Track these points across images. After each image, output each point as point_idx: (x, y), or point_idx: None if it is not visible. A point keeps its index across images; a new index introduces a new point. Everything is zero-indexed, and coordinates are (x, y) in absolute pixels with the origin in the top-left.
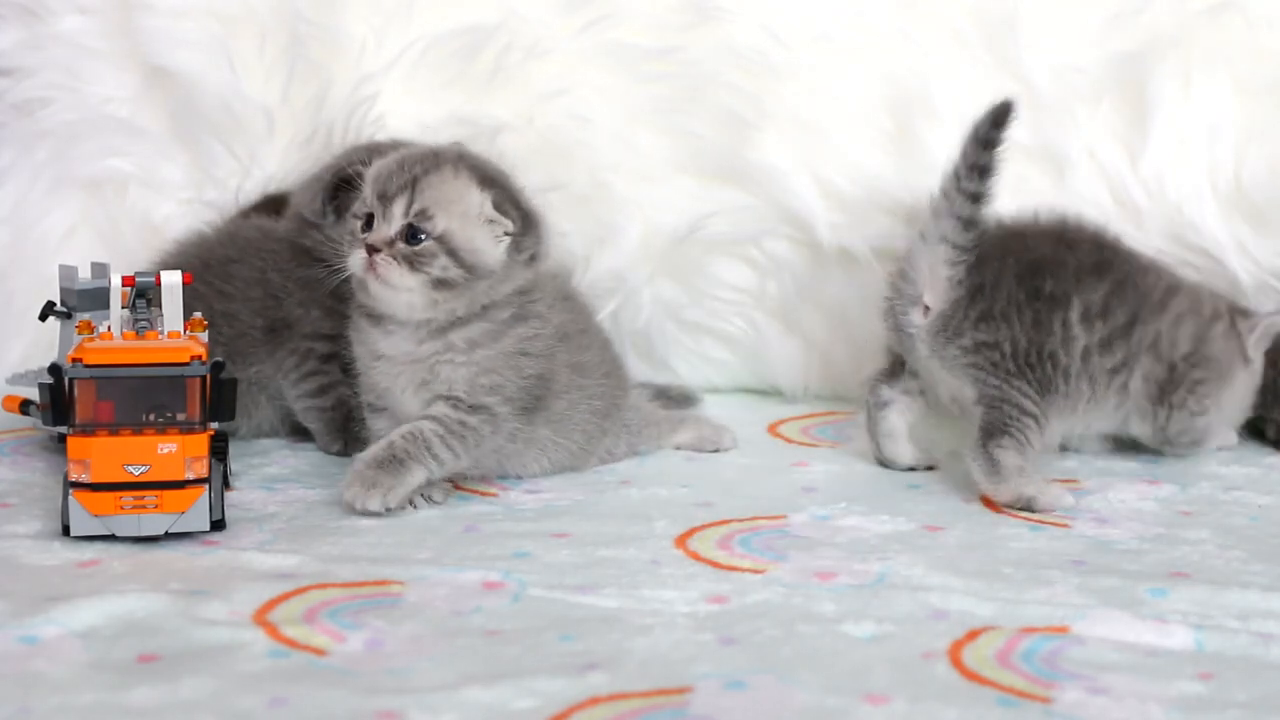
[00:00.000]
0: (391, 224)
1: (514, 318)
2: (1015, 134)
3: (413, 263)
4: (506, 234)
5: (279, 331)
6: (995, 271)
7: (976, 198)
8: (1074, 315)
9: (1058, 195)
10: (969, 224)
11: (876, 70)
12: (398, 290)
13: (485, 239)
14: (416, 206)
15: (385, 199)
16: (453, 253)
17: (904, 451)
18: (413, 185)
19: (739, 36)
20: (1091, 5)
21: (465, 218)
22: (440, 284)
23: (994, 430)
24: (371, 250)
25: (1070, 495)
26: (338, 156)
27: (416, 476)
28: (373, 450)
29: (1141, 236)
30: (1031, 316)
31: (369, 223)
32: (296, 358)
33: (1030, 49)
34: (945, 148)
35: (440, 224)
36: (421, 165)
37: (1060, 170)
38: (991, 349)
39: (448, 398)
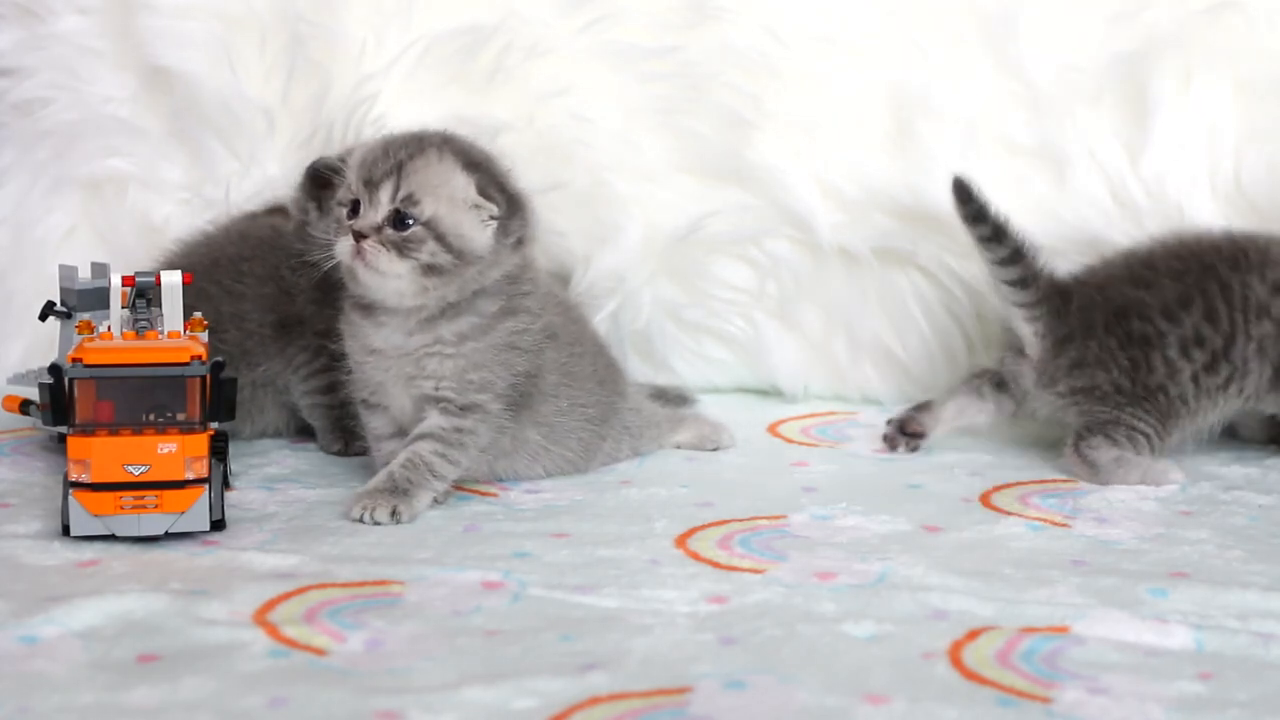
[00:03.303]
0: (378, 210)
1: (503, 311)
2: (1015, 134)
3: (401, 249)
4: (492, 218)
5: (291, 328)
6: (1082, 320)
7: (1007, 261)
8: (1172, 351)
9: (1058, 195)
10: (1020, 284)
11: (876, 70)
12: (386, 277)
13: (472, 223)
14: (403, 192)
15: (371, 185)
16: (441, 238)
17: (931, 425)
18: (398, 170)
19: (739, 36)
20: (1091, 5)
21: (452, 202)
22: (430, 270)
23: (1087, 432)
24: (359, 237)
25: (1178, 471)
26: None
27: (424, 499)
28: (374, 482)
29: (1141, 236)
30: (1128, 361)
31: (355, 209)
32: (308, 354)
33: (1030, 49)
34: (945, 148)
35: (428, 209)
36: (406, 150)
37: (1060, 170)
38: (1090, 391)
39: (438, 400)
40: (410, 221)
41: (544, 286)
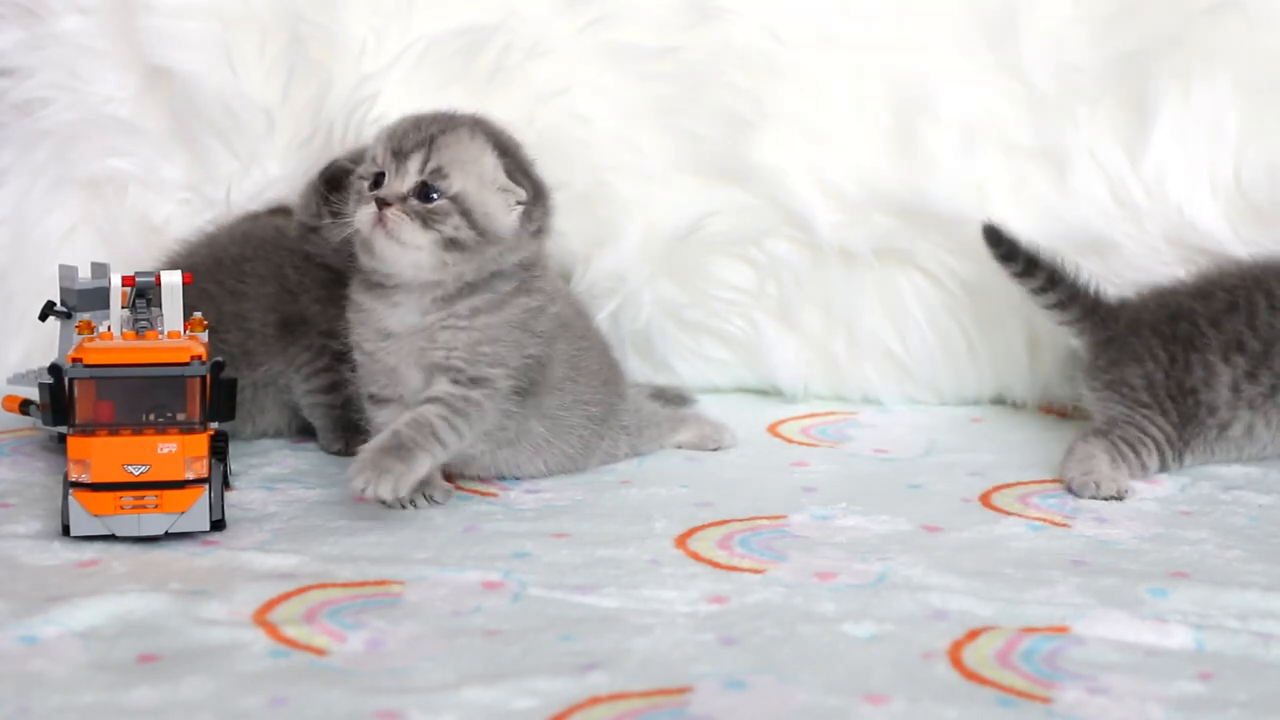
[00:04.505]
0: (405, 180)
1: (517, 289)
2: (1015, 134)
3: (425, 220)
4: (519, 203)
5: (294, 327)
6: (1130, 324)
7: (1044, 289)
8: (1214, 356)
9: (1058, 195)
10: (1059, 305)
11: (876, 70)
12: (406, 247)
13: (498, 205)
14: (433, 164)
15: (400, 155)
16: (466, 213)
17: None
18: (430, 143)
19: (739, 36)
20: (1091, 5)
21: (480, 180)
22: (451, 244)
23: (1093, 431)
24: (382, 204)
25: (1117, 487)
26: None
27: (424, 464)
28: (379, 439)
29: (1142, 236)
30: (1168, 356)
31: (377, 182)
32: (311, 354)
33: (1030, 49)
34: (945, 148)
35: (456, 184)
36: (438, 125)
37: (1060, 170)
38: (1120, 385)
39: (447, 369)
40: (435, 195)
41: (555, 277)
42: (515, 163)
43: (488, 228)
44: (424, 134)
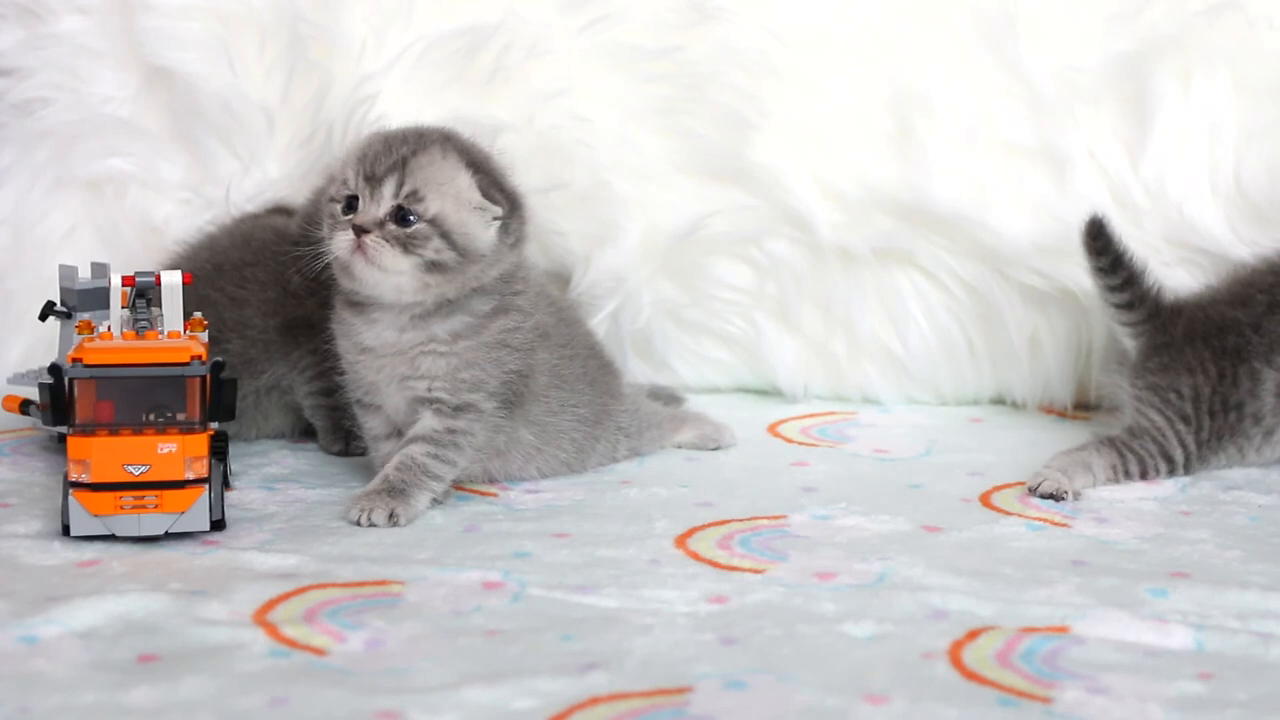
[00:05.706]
0: (380, 205)
1: (496, 310)
2: (1015, 134)
3: (405, 245)
4: (495, 218)
5: (297, 331)
6: (1183, 331)
7: (1120, 287)
8: (1259, 363)
9: (1058, 195)
10: (1128, 305)
11: (876, 70)
12: (388, 273)
13: (476, 223)
14: (407, 188)
15: (373, 180)
16: (446, 235)
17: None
18: (402, 166)
19: (739, 36)
20: (1091, 5)
21: (457, 200)
22: (433, 267)
23: (1107, 441)
24: (360, 231)
25: (1064, 487)
26: None
27: (422, 500)
28: (370, 485)
29: (1142, 236)
30: (1217, 371)
31: (349, 205)
32: (314, 356)
33: (1030, 49)
34: (945, 148)
35: (433, 206)
36: (409, 146)
37: (1060, 170)
38: (1166, 390)
39: (430, 401)
40: (413, 218)
41: (536, 285)
42: (489, 177)
43: (468, 247)
44: (396, 156)
